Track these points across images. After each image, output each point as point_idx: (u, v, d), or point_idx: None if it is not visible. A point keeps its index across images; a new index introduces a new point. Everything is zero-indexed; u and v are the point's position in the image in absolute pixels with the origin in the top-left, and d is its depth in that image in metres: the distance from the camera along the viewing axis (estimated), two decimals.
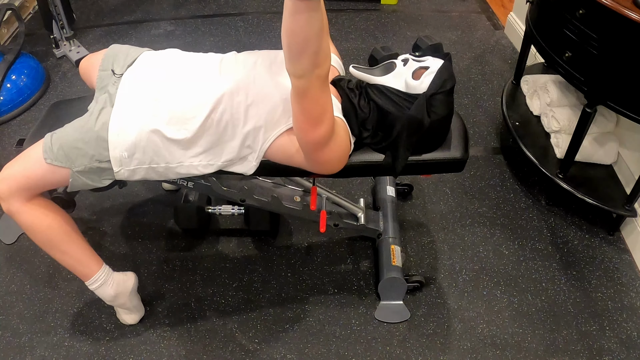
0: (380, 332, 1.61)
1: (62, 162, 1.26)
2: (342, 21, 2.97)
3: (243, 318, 1.64)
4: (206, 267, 1.77)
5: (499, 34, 2.90)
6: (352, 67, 1.32)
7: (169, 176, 1.33)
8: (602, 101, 1.63)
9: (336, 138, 1.20)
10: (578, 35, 1.62)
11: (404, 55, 1.31)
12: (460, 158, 1.39)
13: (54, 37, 2.60)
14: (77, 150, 1.26)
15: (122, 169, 1.28)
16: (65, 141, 1.26)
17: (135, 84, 1.32)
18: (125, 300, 1.53)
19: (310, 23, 0.95)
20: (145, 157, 1.27)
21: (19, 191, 1.28)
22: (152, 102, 1.26)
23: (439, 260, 1.81)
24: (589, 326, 1.63)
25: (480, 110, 2.40)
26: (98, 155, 1.26)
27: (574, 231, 1.91)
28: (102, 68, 1.41)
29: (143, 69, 1.36)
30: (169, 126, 1.24)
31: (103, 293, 1.47)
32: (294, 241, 1.86)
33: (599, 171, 1.93)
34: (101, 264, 1.45)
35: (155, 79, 1.31)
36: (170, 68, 1.34)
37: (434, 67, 1.24)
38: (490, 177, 2.11)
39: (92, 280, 1.44)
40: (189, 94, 1.26)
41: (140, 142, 1.25)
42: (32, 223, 1.32)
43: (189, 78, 1.29)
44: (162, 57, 1.39)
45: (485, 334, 1.61)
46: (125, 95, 1.30)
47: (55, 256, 1.40)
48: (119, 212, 1.93)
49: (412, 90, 1.24)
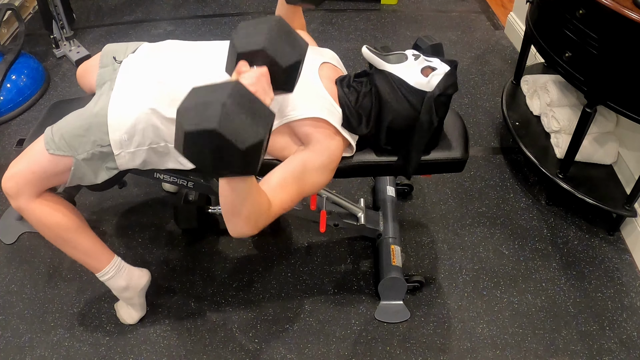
0: (381, 332, 1.61)
1: (64, 151, 1.26)
2: (342, 21, 2.97)
3: (243, 318, 1.64)
4: (206, 267, 1.78)
5: (499, 34, 2.90)
6: (366, 47, 1.32)
7: (169, 161, 1.32)
8: (602, 101, 1.63)
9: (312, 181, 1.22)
10: (578, 35, 1.62)
11: (414, 50, 1.32)
12: (460, 158, 1.40)
13: (54, 37, 2.61)
14: (79, 138, 1.26)
15: (123, 151, 1.28)
16: (66, 130, 1.27)
17: (136, 68, 1.32)
18: (134, 295, 1.55)
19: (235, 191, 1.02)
20: (145, 138, 1.27)
21: (26, 187, 1.28)
22: (156, 84, 1.26)
23: (439, 260, 1.81)
24: (589, 326, 1.64)
25: (480, 110, 2.41)
26: (99, 140, 1.26)
27: (574, 231, 1.91)
28: (102, 65, 1.42)
29: (144, 55, 1.37)
30: (170, 108, 1.23)
31: (114, 284, 1.49)
32: (293, 241, 1.87)
33: (599, 171, 1.94)
34: (112, 257, 1.47)
35: (157, 63, 1.32)
36: (171, 54, 1.34)
37: (441, 70, 1.26)
38: (490, 177, 2.11)
39: (103, 272, 1.45)
40: (193, 77, 1.25)
41: (140, 125, 1.25)
42: (41, 219, 1.33)
43: (192, 62, 1.30)
44: (162, 45, 1.40)
45: (485, 334, 1.62)
46: (125, 79, 1.30)
47: (66, 251, 1.41)
48: (119, 212, 1.94)
49: (419, 86, 1.25)
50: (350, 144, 1.32)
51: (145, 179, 1.66)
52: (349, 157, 1.35)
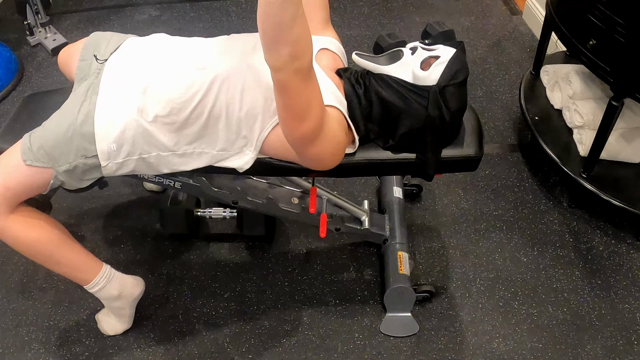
0: (386, 347, 1.61)
1: (44, 162, 1.26)
2: (344, 6, 2.97)
3: (236, 331, 1.64)
4: (195, 275, 1.78)
5: (516, 20, 2.90)
6: (355, 54, 1.33)
7: (160, 169, 1.33)
8: (629, 93, 1.63)
9: (326, 132, 1.19)
10: (603, 21, 1.62)
11: (412, 43, 1.32)
12: (473, 156, 1.39)
13: (27, 23, 2.60)
14: (60, 148, 1.26)
15: (110, 162, 1.28)
16: (45, 139, 1.26)
17: (121, 70, 1.32)
18: (125, 305, 1.55)
19: (283, 6, 0.96)
20: (135, 147, 1.27)
21: (0, 205, 1.27)
22: (141, 88, 1.27)
23: (451, 268, 1.81)
24: (615, 340, 1.64)
25: (496, 103, 2.41)
26: (83, 150, 1.26)
27: (598, 236, 1.91)
28: (82, 58, 1.42)
29: (129, 54, 1.36)
30: (159, 112, 1.25)
31: (105, 294, 1.49)
32: (291, 247, 1.87)
33: (626, 170, 1.94)
34: (101, 266, 1.47)
35: (143, 64, 1.32)
36: (158, 53, 1.34)
37: (445, 57, 1.25)
38: (507, 176, 2.11)
39: (93, 283, 1.45)
40: (180, 79, 1.26)
41: (129, 132, 1.25)
42: (18, 237, 1.32)
43: (179, 62, 1.30)
44: (148, 42, 1.40)
45: (502, 349, 1.61)
46: (110, 83, 1.30)
47: (49, 267, 1.42)
48: (100, 215, 1.94)
49: (420, 82, 1.25)
50: (354, 138, 1.32)
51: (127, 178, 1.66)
52: (352, 154, 1.35)
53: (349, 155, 1.35)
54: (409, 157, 1.36)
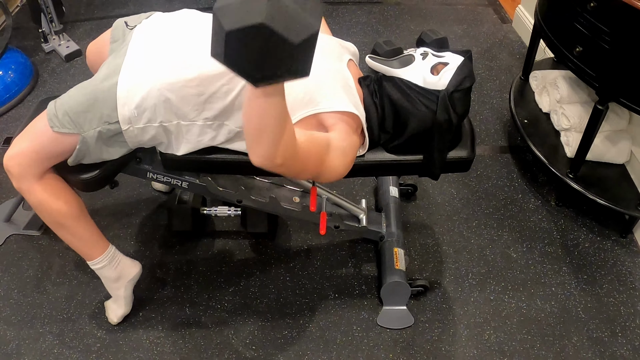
0: (383, 338, 1.62)
1: (69, 128, 1.24)
2: (342, 14, 2.97)
3: (240, 324, 1.64)
4: (201, 271, 1.78)
5: (506, 28, 2.90)
6: (369, 57, 1.33)
7: (178, 142, 1.29)
8: (614, 98, 1.63)
9: (332, 161, 1.16)
10: (589, 29, 1.62)
11: (422, 48, 1.32)
12: (466, 157, 1.40)
13: (42, 31, 2.61)
14: (84, 114, 1.23)
15: (131, 126, 1.24)
16: (70, 106, 1.24)
17: (150, 38, 1.29)
18: (121, 286, 1.55)
19: (267, 109, 0.90)
20: (156, 115, 1.23)
21: (30, 168, 1.28)
22: (169, 57, 1.23)
23: (444, 264, 1.81)
24: (600, 332, 1.64)
25: (487, 107, 2.41)
26: (106, 116, 1.23)
27: (584, 233, 1.91)
28: (113, 40, 1.40)
29: (158, 24, 1.33)
30: (186, 83, 1.20)
31: (105, 273, 1.50)
32: (292, 244, 1.87)
33: (611, 171, 1.94)
34: (107, 246, 1.47)
35: (173, 33, 1.28)
36: (189, 24, 1.31)
37: (453, 64, 1.25)
38: (498, 177, 2.11)
39: (96, 260, 1.46)
40: (207, 53, 1.23)
41: (151, 100, 1.21)
42: (42, 203, 1.33)
43: (207, 36, 1.28)
44: (179, 15, 1.36)
45: (493, 340, 1.62)
46: (137, 49, 1.27)
47: (61, 236, 1.42)
48: (110, 213, 1.94)
49: (430, 86, 1.25)
50: (364, 142, 1.32)
51: (137, 179, 1.67)
52: (361, 156, 1.35)
53: (359, 157, 1.34)
54: (416, 157, 1.36)
